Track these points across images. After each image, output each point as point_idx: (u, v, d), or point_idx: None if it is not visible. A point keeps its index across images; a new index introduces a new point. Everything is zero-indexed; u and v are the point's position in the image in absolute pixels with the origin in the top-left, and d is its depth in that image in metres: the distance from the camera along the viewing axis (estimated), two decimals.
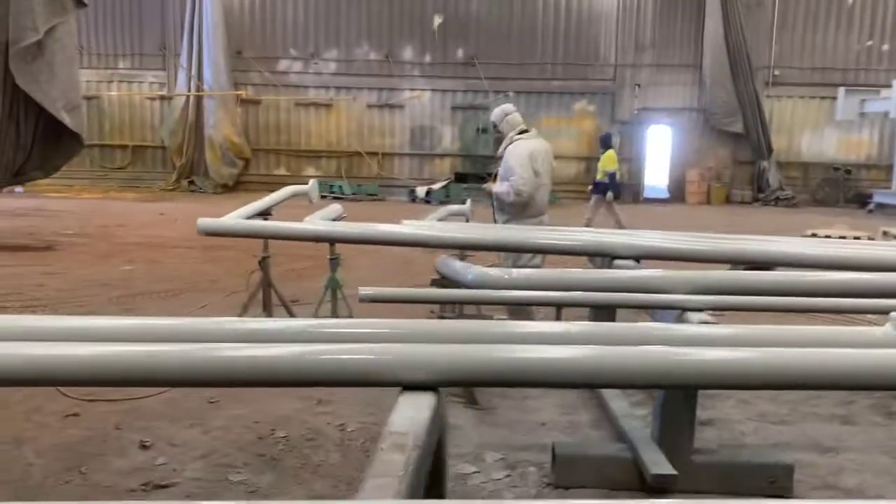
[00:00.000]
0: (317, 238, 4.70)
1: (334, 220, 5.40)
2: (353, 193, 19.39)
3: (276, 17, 21.04)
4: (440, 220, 5.71)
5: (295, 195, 5.98)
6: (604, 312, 4.17)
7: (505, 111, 5.70)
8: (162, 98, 21.58)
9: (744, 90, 19.98)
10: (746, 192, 20.57)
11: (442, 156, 21.18)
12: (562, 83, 20.68)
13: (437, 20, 20.69)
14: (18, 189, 19.44)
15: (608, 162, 12.53)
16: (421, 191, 18.83)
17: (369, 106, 21.06)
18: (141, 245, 10.30)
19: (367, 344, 1.97)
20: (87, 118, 22.05)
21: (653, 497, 3.17)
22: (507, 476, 3.39)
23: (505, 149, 5.60)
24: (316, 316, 5.38)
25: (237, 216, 5.09)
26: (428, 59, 20.92)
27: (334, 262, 5.46)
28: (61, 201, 16.46)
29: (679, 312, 3.10)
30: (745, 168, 20.85)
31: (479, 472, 3.43)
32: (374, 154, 21.08)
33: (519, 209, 5.31)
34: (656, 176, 21.56)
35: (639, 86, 20.55)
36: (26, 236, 10.70)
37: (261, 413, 4.03)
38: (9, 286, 7.24)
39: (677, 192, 20.67)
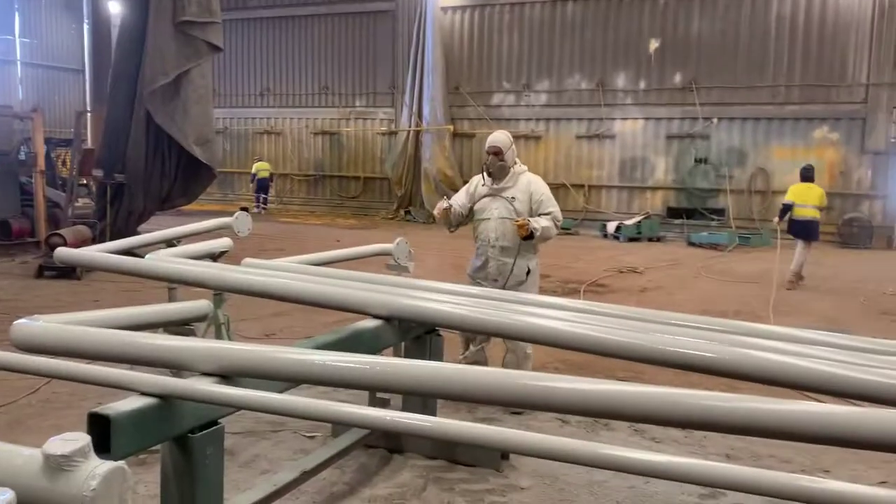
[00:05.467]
0: (144, 275, 4.48)
1: (214, 257, 5.15)
2: None
3: (492, 52, 21.30)
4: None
5: (220, 227, 5.85)
6: None
7: (511, 139, 5.40)
8: (389, 133, 23.05)
9: None
10: None
11: (654, 188, 19.55)
12: (797, 108, 17.91)
13: (654, 44, 19.26)
14: (257, 210, 22.11)
15: (821, 198, 10.97)
16: (611, 227, 17.56)
17: (578, 137, 20.26)
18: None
19: None
20: (323, 152, 24.46)
21: None
22: None
23: (513, 179, 5.33)
24: None
25: (108, 248, 5.06)
26: (642, 85, 19.53)
27: (217, 297, 5.18)
28: (278, 225, 18.31)
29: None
30: None
31: None
32: (581, 186, 20.17)
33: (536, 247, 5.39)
34: None
35: None
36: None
37: None
38: None
39: None
